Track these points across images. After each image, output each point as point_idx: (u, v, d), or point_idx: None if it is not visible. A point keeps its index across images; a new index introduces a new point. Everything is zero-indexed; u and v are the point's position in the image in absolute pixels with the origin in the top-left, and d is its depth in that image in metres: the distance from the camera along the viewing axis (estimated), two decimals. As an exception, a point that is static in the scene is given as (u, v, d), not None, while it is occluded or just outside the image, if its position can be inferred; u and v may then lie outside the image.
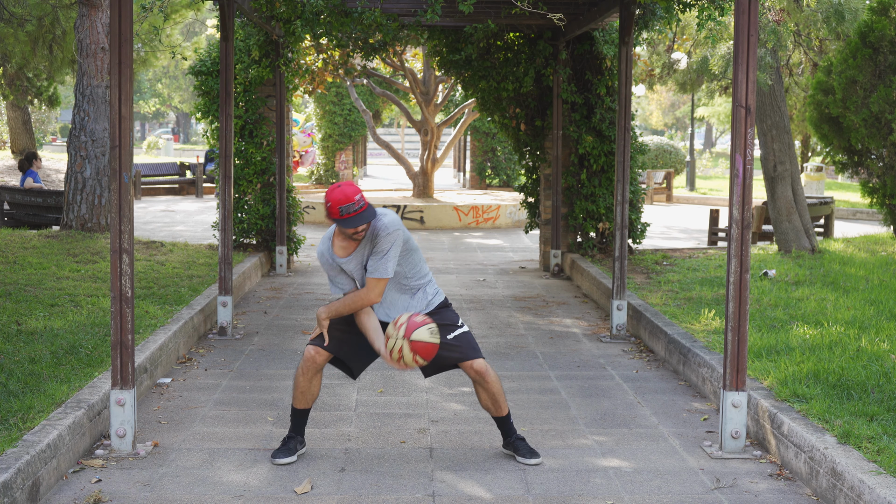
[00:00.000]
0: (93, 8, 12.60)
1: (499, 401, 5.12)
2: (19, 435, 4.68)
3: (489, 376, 5.07)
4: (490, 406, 5.14)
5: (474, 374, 5.06)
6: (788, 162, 11.61)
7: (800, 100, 21.89)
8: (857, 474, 4.33)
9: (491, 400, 5.11)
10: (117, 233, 5.15)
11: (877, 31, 12.52)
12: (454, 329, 5.07)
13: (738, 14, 5.17)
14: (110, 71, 5.16)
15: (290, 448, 5.12)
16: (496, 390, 5.09)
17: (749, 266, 5.25)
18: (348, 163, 28.03)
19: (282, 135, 11.89)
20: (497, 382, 5.10)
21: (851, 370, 5.90)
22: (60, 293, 8.40)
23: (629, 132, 8.43)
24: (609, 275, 10.14)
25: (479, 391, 5.13)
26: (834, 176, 34.63)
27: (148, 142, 44.81)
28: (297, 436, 5.17)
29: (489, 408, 5.15)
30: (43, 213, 14.52)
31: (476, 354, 5.08)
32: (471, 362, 5.05)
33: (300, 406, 5.14)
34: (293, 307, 9.66)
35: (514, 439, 5.20)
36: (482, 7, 10.07)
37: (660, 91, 47.19)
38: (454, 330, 5.07)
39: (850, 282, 9.23)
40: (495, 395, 5.10)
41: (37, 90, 25.54)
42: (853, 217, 22.22)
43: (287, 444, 5.13)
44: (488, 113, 12.57)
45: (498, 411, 5.15)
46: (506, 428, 5.21)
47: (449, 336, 5.03)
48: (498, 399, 5.11)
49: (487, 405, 5.14)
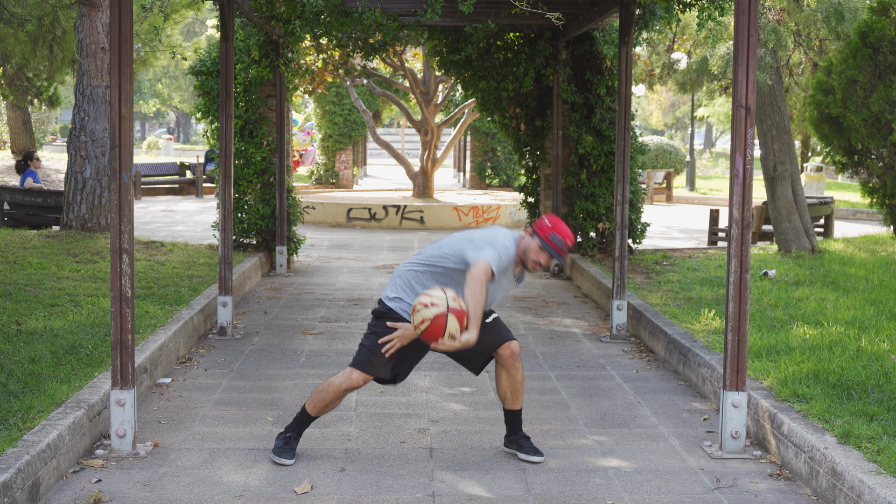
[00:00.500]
0: (93, 8, 12.60)
1: (519, 392, 5.12)
2: (19, 435, 4.68)
3: (520, 362, 5.10)
4: (508, 395, 5.12)
5: (509, 356, 5.04)
6: (788, 162, 11.61)
7: (800, 100, 21.88)
8: (857, 474, 4.34)
9: (512, 388, 5.10)
10: (117, 233, 5.15)
11: (877, 31, 12.52)
12: (489, 314, 5.09)
13: (738, 14, 5.17)
14: (110, 71, 5.16)
15: (292, 448, 5.11)
16: (520, 379, 5.10)
17: (749, 266, 5.25)
18: (348, 163, 28.03)
19: (282, 135, 11.89)
20: (522, 372, 5.12)
21: (851, 370, 5.90)
22: (60, 293, 8.40)
23: (629, 132, 8.43)
24: (609, 275, 10.15)
25: (503, 376, 5.09)
26: (834, 176, 34.63)
27: (148, 142, 44.80)
28: (298, 437, 5.17)
29: (507, 398, 5.12)
30: (43, 213, 14.52)
31: (512, 335, 5.11)
32: (508, 343, 5.05)
33: (316, 414, 5.10)
34: (293, 307, 9.66)
35: (519, 436, 5.19)
36: (482, 7, 10.07)
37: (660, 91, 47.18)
38: (489, 315, 5.09)
39: (850, 282, 9.23)
40: (518, 384, 5.10)
41: (37, 90, 25.54)
42: (853, 217, 22.22)
43: (290, 444, 5.12)
44: (488, 113, 12.57)
45: (515, 404, 5.15)
46: (514, 423, 5.20)
47: (487, 319, 5.04)
48: (518, 390, 5.12)
49: (506, 394, 5.12)
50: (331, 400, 5.03)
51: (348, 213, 18.88)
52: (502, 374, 5.09)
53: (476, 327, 4.69)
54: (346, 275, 11.98)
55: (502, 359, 5.05)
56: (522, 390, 5.14)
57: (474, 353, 5.06)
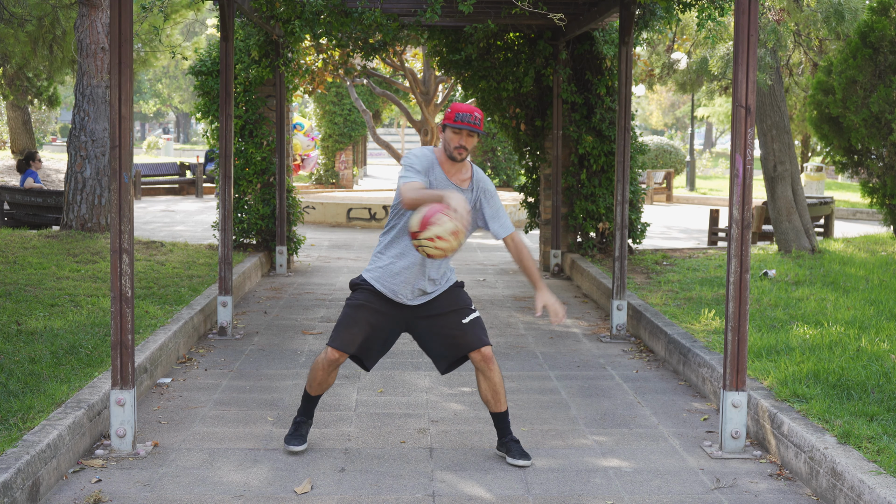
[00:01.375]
0: (93, 8, 12.60)
1: (499, 394, 5.09)
2: (19, 435, 4.68)
3: (494, 365, 5.06)
4: (490, 399, 5.10)
5: (480, 360, 5.03)
6: (788, 162, 11.61)
7: (800, 100, 21.89)
8: (857, 474, 4.33)
9: (491, 391, 5.08)
10: (117, 233, 5.15)
11: (877, 31, 12.52)
12: (469, 312, 5.07)
13: (738, 14, 5.17)
14: (110, 71, 5.16)
15: (302, 434, 5.22)
16: (498, 381, 5.07)
17: (749, 266, 5.25)
18: (348, 163, 28.03)
19: (282, 135, 11.89)
20: (500, 374, 5.09)
21: (851, 370, 5.90)
22: (60, 293, 8.40)
23: (629, 132, 8.43)
24: (609, 275, 10.15)
25: (481, 380, 5.09)
26: (834, 176, 34.64)
27: (148, 142, 44.82)
28: (308, 419, 5.28)
29: (489, 401, 5.11)
30: (43, 213, 14.52)
31: (487, 341, 5.06)
32: (480, 349, 5.02)
33: (315, 393, 5.22)
34: (293, 307, 9.66)
35: (507, 440, 5.17)
36: (482, 7, 10.07)
37: (660, 91, 47.20)
38: (469, 314, 5.06)
39: (850, 282, 9.23)
40: (496, 386, 5.07)
41: (37, 90, 25.54)
42: (853, 217, 22.22)
43: (300, 430, 5.23)
44: (488, 113, 12.57)
45: (497, 406, 5.12)
46: (502, 426, 5.18)
47: (464, 320, 5.03)
48: (499, 392, 5.09)
49: (487, 398, 5.10)
50: (321, 378, 5.12)
51: (348, 213, 18.89)
52: (480, 378, 5.10)
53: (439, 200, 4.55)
54: (346, 275, 11.98)
55: (475, 362, 5.06)
56: (503, 392, 5.11)
57: (446, 348, 5.06)
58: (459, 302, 5.07)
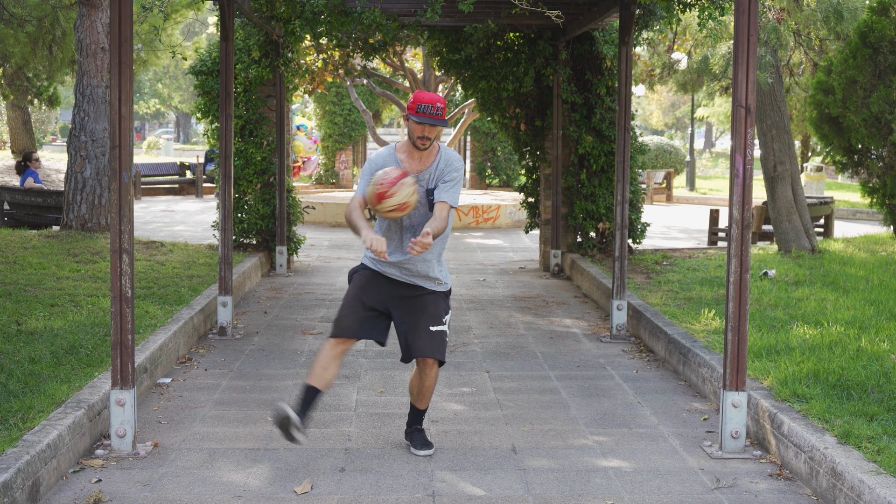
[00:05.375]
0: (93, 8, 12.60)
1: (425, 396, 5.27)
2: (19, 435, 4.68)
3: (434, 373, 5.17)
4: (415, 392, 5.27)
5: (424, 366, 5.14)
6: (788, 162, 11.61)
7: (800, 100, 21.88)
8: (857, 474, 4.34)
9: (418, 389, 5.24)
10: (117, 233, 5.15)
11: (877, 31, 12.52)
12: (439, 323, 5.11)
13: (738, 14, 5.17)
14: (110, 71, 5.16)
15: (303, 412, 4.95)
16: (430, 386, 5.22)
17: (749, 266, 5.25)
18: (348, 163, 28.02)
19: (282, 135, 11.89)
20: (434, 382, 5.22)
21: (851, 370, 5.90)
22: (60, 293, 8.40)
23: (629, 132, 8.43)
24: (609, 275, 10.14)
25: (415, 375, 5.24)
26: (834, 176, 34.63)
27: (148, 142, 44.80)
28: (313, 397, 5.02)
29: (413, 392, 5.28)
30: (43, 213, 14.52)
31: (440, 357, 5.12)
32: (427, 360, 5.11)
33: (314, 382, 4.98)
34: (293, 307, 9.66)
35: (413, 429, 5.34)
36: (482, 7, 10.07)
37: (660, 91, 47.17)
38: (438, 324, 5.11)
39: (850, 282, 9.23)
40: (426, 389, 5.22)
41: (37, 90, 25.54)
42: (853, 217, 22.22)
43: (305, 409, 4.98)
44: (488, 113, 12.57)
45: (419, 402, 5.30)
46: (416, 417, 5.35)
47: (432, 328, 5.08)
48: (424, 394, 5.26)
49: (413, 389, 5.27)
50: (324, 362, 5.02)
51: (348, 213, 18.84)
52: (416, 373, 5.23)
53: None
54: (346, 275, 11.96)
55: (418, 364, 5.18)
56: (430, 396, 5.26)
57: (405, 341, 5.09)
58: (438, 310, 5.13)
